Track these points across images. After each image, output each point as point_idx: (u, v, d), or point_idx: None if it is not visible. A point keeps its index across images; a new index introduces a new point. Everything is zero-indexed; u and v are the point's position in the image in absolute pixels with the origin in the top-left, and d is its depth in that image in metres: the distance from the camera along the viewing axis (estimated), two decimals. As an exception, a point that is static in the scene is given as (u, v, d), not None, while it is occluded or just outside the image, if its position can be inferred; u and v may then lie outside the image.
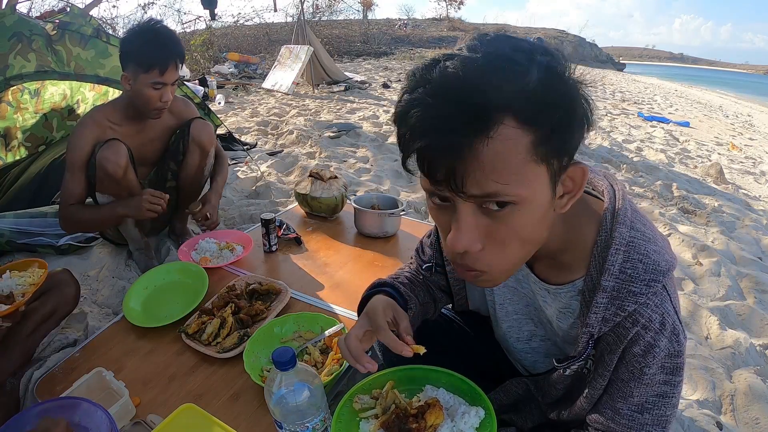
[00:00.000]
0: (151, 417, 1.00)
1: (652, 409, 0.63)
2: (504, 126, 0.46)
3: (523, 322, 0.80)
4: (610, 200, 0.63)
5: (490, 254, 0.54)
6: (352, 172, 3.15)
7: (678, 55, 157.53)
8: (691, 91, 17.56)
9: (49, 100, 2.38)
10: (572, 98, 0.49)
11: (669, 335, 0.59)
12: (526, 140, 0.47)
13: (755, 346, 1.65)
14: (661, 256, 0.59)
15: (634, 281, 0.58)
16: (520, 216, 0.51)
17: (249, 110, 5.39)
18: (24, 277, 1.16)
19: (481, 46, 0.49)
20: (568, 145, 0.51)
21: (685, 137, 5.99)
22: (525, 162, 0.48)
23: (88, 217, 1.56)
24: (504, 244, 0.54)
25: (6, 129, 2.26)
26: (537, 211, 0.52)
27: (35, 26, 2.10)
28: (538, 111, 0.47)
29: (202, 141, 1.70)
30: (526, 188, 0.49)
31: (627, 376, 0.62)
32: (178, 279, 1.45)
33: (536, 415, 0.85)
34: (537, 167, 0.49)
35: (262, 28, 16.21)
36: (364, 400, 0.82)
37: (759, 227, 2.85)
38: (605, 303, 0.59)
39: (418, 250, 0.95)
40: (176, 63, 1.50)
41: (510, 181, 0.48)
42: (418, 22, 33.84)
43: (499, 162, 0.47)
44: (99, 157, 1.47)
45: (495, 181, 0.48)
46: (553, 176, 0.51)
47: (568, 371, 0.68)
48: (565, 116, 0.49)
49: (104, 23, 10.01)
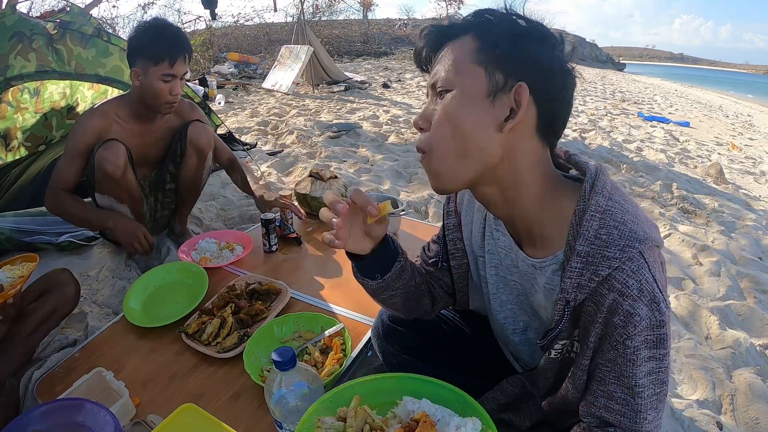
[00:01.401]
0: (151, 417, 1.00)
1: (642, 392, 0.61)
2: (463, 38, 0.64)
3: (517, 312, 0.81)
4: (590, 175, 0.64)
5: (430, 135, 0.66)
6: (352, 172, 3.15)
7: (678, 55, 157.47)
8: (691, 91, 17.57)
9: (48, 99, 2.37)
10: (534, 41, 0.62)
11: (648, 302, 0.57)
12: (473, 45, 0.63)
13: (755, 346, 1.65)
14: (638, 227, 0.60)
15: (608, 246, 0.59)
16: (452, 98, 0.63)
17: (249, 110, 5.39)
18: (14, 270, 1.15)
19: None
20: (515, 67, 0.61)
21: (685, 137, 5.99)
22: (466, 59, 0.63)
23: (76, 212, 1.56)
24: (439, 123, 0.65)
25: (6, 129, 2.25)
26: (467, 98, 0.62)
27: (36, 26, 2.10)
28: (489, 31, 0.63)
29: (199, 144, 1.69)
30: (460, 77, 0.63)
31: (612, 354, 0.60)
32: (178, 279, 1.45)
33: (535, 414, 0.85)
34: (475, 66, 0.62)
35: (262, 28, 16.21)
36: (328, 423, 0.69)
37: (759, 227, 2.85)
38: (579, 268, 0.60)
39: (424, 248, 0.96)
40: (185, 56, 1.51)
41: (451, 69, 0.63)
42: (418, 22, 33.78)
43: (450, 55, 0.64)
44: (97, 158, 1.47)
45: (442, 68, 0.64)
46: (493, 85, 0.61)
47: (553, 353, 0.68)
48: (515, 45, 0.61)
49: (104, 23, 10.00)
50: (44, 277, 1.26)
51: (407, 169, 3.28)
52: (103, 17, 10.95)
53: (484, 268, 0.83)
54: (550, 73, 0.62)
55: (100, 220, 1.55)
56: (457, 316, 1.07)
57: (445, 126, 0.64)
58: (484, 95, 0.62)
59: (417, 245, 1.02)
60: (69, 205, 1.53)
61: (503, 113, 0.61)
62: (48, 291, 1.22)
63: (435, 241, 0.94)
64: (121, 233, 1.53)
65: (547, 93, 0.62)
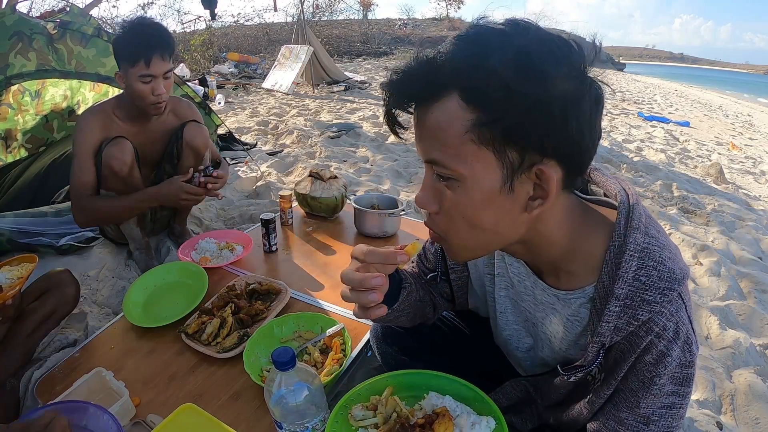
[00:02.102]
0: (151, 417, 1.00)
1: (658, 421, 0.61)
2: (447, 101, 0.50)
3: (522, 333, 0.79)
4: (623, 204, 0.60)
5: (443, 222, 0.58)
6: (352, 172, 3.15)
7: (678, 55, 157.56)
8: (691, 91, 17.56)
9: (50, 102, 2.38)
10: (543, 91, 0.47)
11: (682, 345, 0.57)
12: (467, 118, 0.49)
13: (755, 346, 1.65)
14: (675, 264, 0.57)
15: (648, 289, 0.55)
16: (462, 193, 0.53)
17: (249, 110, 5.38)
18: (13, 271, 1.15)
19: (477, 24, 0.52)
20: (531, 140, 0.49)
21: (685, 137, 5.99)
22: (464, 140, 0.50)
23: (112, 211, 1.56)
24: (451, 217, 0.57)
25: (7, 131, 2.26)
26: (480, 194, 0.53)
27: (36, 25, 2.10)
28: (483, 93, 0.48)
29: (195, 144, 1.68)
30: (464, 166, 0.51)
31: (636, 385, 0.60)
32: (178, 279, 1.45)
33: (536, 417, 0.85)
34: (479, 149, 0.50)
35: (262, 28, 16.21)
36: (358, 415, 0.75)
37: (759, 227, 2.85)
38: (618, 311, 0.57)
39: (420, 256, 0.93)
40: (162, 54, 1.45)
41: (448, 153, 0.51)
42: (418, 22, 33.83)
43: (440, 132, 0.51)
44: (105, 155, 1.47)
45: (436, 150, 0.52)
46: (508, 167, 0.50)
47: (573, 377, 0.66)
48: (523, 106, 0.47)
49: (104, 23, 10.00)
50: (44, 278, 1.26)
51: (407, 169, 3.28)
52: (103, 17, 10.95)
53: (491, 285, 0.80)
54: (577, 126, 0.49)
55: (140, 203, 1.56)
56: (456, 316, 1.06)
57: (459, 222, 0.56)
58: (499, 185, 0.52)
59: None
60: (99, 209, 1.53)
61: (526, 191, 0.53)
62: (48, 291, 1.22)
63: (433, 253, 0.89)
64: (166, 199, 1.55)
65: (577, 151, 0.51)
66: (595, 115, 0.52)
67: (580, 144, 0.51)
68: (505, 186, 0.52)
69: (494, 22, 0.52)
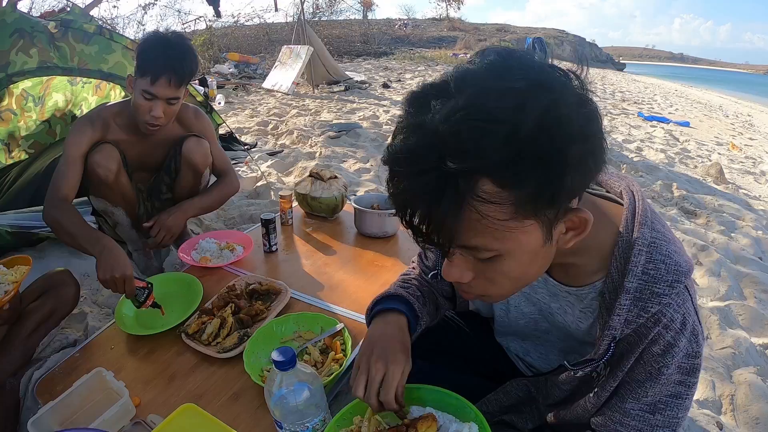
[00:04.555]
0: (151, 417, 1.00)
1: (664, 410, 0.61)
2: (481, 190, 0.45)
3: (539, 320, 0.80)
4: (630, 201, 0.62)
5: (481, 285, 0.58)
6: (352, 172, 3.15)
7: (678, 55, 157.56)
8: (691, 91, 17.56)
9: (53, 107, 2.37)
10: (569, 143, 0.44)
11: (689, 335, 0.58)
12: (509, 201, 0.45)
13: (755, 346, 1.65)
14: (681, 257, 0.59)
15: (657, 282, 0.57)
16: (508, 263, 0.53)
17: (249, 110, 5.39)
18: (7, 275, 1.12)
19: (466, 85, 0.45)
20: (564, 194, 0.48)
21: (685, 137, 5.99)
22: (508, 221, 0.47)
23: (69, 227, 1.34)
24: (493, 280, 0.56)
25: (9, 136, 2.25)
26: (526, 256, 0.53)
27: (37, 24, 2.10)
28: (519, 172, 0.44)
29: (194, 162, 1.61)
30: (511, 242, 0.50)
31: (643, 376, 0.61)
32: (172, 290, 1.40)
33: (537, 416, 0.85)
34: (523, 223, 0.48)
35: (262, 28, 16.22)
36: None
37: (759, 227, 2.85)
38: (628, 305, 0.58)
39: (420, 255, 0.94)
40: (170, 79, 1.40)
41: (492, 238, 0.49)
42: (418, 22, 33.84)
43: (479, 224, 0.47)
44: (90, 162, 1.44)
45: (473, 238, 0.49)
46: (547, 224, 0.50)
47: (580, 373, 0.67)
48: (557, 169, 0.45)
49: (104, 23, 10.01)
50: (44, 278, 1.26)
51: (407, 169, 3.28)
52: (103, 17, 10.97)
53: None
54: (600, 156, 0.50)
55: (89, 242, 1.30)
56: (456, 316, 1.06)
57: (502, 282, 0.57)
58: (541, 242, 0.52)
59: (417, 245, 1.01)
60: (63, 219, 1.36)
61: (560, 231, 0.54)
62: (48, 291, 1.22)
63: (432, 252, 0.89)
64: (101, 264, 1.24)
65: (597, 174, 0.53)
66: (601, 133, 0.51)
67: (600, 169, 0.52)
68: (547, 241, 0.52)
69: (474, 73, 0.46)
